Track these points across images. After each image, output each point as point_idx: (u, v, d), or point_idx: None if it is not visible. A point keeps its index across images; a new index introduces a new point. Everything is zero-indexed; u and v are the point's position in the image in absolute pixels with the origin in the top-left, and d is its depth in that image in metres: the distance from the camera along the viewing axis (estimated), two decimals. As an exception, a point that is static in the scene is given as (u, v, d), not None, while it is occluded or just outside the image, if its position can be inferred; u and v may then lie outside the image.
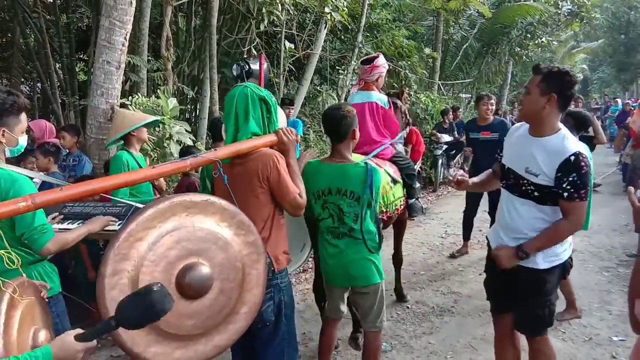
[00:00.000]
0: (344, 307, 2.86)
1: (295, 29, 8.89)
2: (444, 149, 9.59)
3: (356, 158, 2.92)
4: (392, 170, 3.62)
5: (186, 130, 4.82)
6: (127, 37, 4.38)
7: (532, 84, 2.32)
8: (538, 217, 2.35)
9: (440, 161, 9.56)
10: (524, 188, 2.37)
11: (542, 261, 2.37)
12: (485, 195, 5.43)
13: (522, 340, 2.66)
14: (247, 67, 2.33)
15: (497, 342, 2.76)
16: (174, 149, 4.59)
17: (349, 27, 9.77)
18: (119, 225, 2.52)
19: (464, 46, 14.41)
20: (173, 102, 4.75)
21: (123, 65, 4.44)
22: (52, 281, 2.26)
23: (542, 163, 2.28)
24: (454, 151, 9.96)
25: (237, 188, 2.15)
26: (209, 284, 1.85)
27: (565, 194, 2.22)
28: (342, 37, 10.50)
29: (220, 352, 1.98)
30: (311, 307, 4.24)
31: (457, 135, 9.69)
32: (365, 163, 2.60)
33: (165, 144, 4.61)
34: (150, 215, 1.79)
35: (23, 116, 2.19)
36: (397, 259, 4.40)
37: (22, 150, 2.29)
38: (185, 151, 4.29)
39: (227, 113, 2.25)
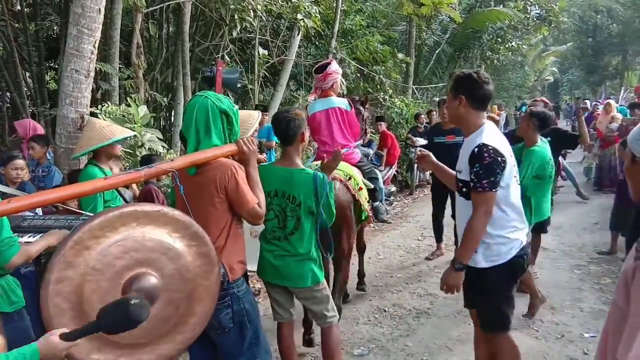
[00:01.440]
0: (287, 311, 2.84)
1: (269, 35, 8.91)
2: (419, 152, 9.66)
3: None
4: (359, 176, 3.68)
5: (158, 138, 4.78)
6: (96, 45, 4.31)
7: (448, 91, 2.49)
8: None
9: (416, 164, 9.64)
10: (458, 187, 2.47)
11: (482, 260, 2.40)
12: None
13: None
14: (211, 73, 2.31)
15: (474, 335, 2.82)
16: (146, 157, 4.54)
17: (323, 33, 9.83)
18: None
19: (437, 51, 14.64)
20: (144, 109, 4.71)
21: (92, 74, 4.36)
22: (16, 295, 2.21)
23: (462, 160, 2.40)
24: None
25: (195, 197, 2.13)
26: (156, 294, 1.84)
27: (471, 184, 2.30)
28: (317, 43, 10.56)
29: None
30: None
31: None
32: (314, 171, 2.62)
33: (137, 152, 4.56)
34: (98, 224, 1.77)
35: None
36: (360, 247, 4.67)
37: None
38: (147, 159, 4.12)
39: (188, 125, 2.21)
